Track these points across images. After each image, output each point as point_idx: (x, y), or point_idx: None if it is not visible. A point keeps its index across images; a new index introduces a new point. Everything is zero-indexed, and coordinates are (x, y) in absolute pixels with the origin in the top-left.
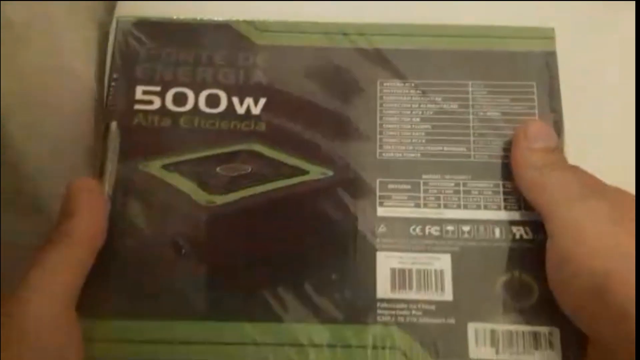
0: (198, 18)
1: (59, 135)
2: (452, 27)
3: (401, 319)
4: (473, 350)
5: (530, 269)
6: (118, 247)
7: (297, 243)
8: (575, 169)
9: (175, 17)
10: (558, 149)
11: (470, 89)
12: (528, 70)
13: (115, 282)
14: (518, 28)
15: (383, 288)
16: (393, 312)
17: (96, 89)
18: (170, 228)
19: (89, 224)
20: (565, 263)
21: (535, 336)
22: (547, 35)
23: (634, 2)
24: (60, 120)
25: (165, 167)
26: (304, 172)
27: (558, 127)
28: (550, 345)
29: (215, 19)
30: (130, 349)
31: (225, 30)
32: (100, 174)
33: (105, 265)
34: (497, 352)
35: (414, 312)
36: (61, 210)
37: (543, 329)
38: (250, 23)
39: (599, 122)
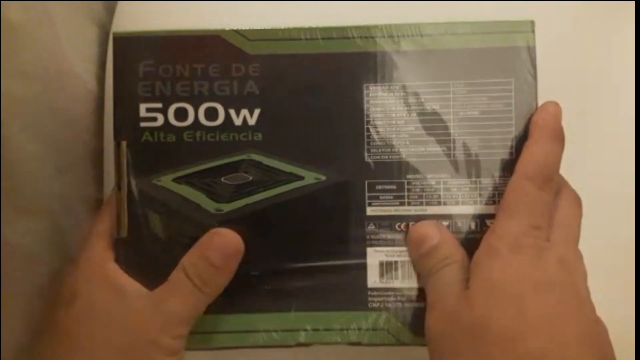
0: (188, 29)
1: (59, 135)
2: (432, 26)
3: (389, 305)
4: None
5: None
6: (140, 254)
7: (298, 243)
8: None
9: (167, 30)
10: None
11: (451, 89)
12: (507, 66)
13: None
14: (497, 22)
15: (373, 279)
16: (382, 299)
17: (96, 89)
18: (185, 235)
19: (227, 280)
20: None
21: None
22: (527, 29)
23: (634, 2)
24: (60, 120)
25: (176, 180)
26: (300, 178)
27: None
28: None
29: (205, 28)
30: None
31: (216, 41)
32: (118, 188)
33: (132, 270)
34: None
35: (400, 298)
36: (206, 258)
37: None
38: (240, 32)
39: (600, 122)
